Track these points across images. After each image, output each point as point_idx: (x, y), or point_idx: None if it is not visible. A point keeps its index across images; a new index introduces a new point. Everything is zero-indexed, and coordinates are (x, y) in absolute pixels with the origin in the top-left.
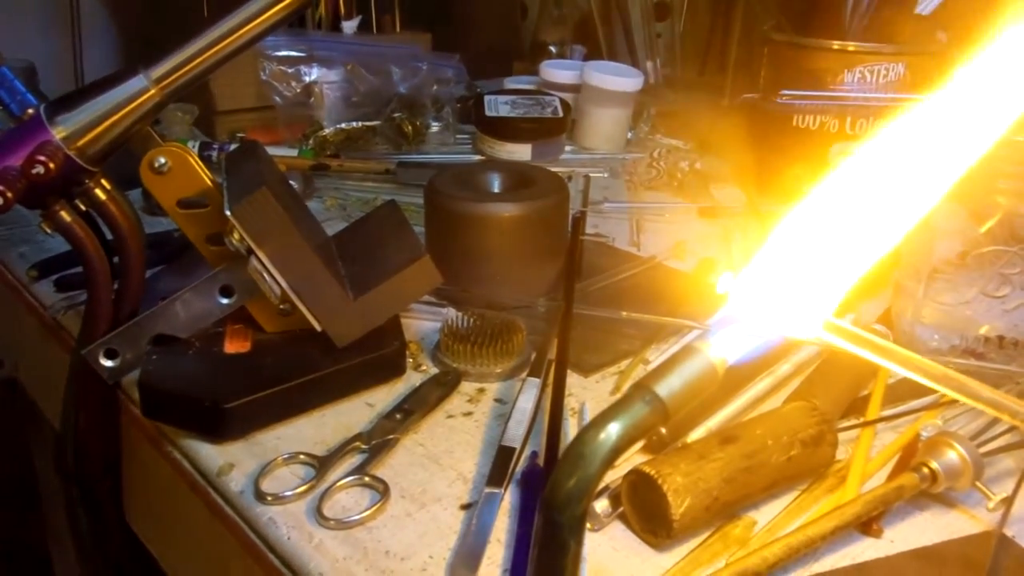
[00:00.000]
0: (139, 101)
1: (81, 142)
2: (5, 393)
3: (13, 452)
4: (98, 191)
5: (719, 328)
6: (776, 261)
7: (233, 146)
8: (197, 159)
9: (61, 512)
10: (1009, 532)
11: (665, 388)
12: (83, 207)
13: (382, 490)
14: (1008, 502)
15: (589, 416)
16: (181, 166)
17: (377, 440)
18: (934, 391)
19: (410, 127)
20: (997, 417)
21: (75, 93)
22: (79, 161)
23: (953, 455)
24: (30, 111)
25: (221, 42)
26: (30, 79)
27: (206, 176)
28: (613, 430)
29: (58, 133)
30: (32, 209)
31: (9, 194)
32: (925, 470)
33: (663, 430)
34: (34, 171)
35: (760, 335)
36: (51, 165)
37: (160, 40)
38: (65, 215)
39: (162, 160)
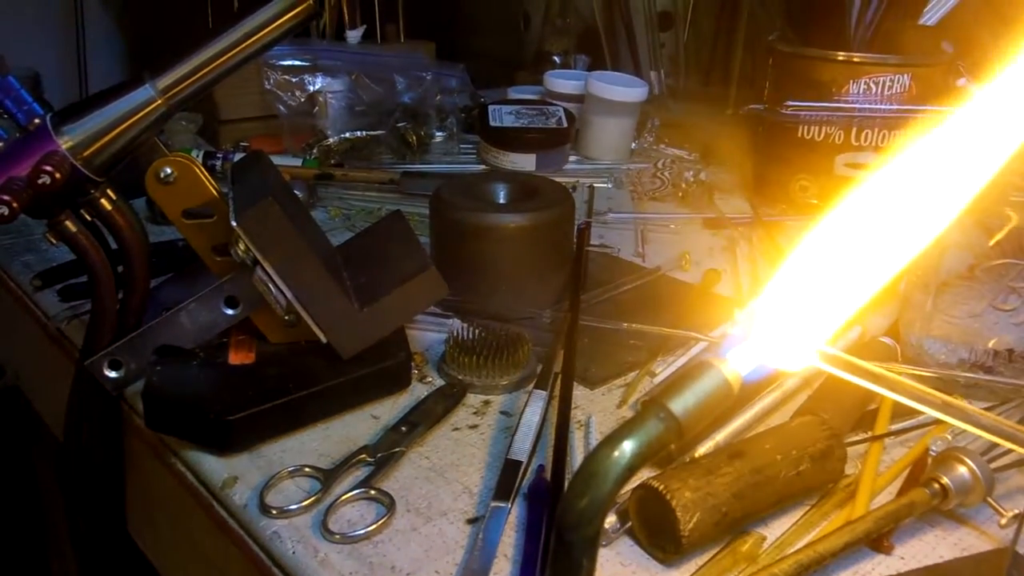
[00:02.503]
0: (145, 111)
1: (87, 152)
2: (7, 402)
3: (14, 461)
4: (103, 201)
5: (733, 345)
6: (790, 286)
7: (237, 155)
8: (203, 169)
9: (62, 523)
10: (1022, 549)
11: (679, 405)
12: (88, 217)
13: (388, 504)
14: (1020, 518)
15: (595, 429)
16: (187, 176)
17: (383, 453)
18: None
19: (414, 137)
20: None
21: (81, 103)
22: (85, 171)
23: (964, 471)
24: (36, 121)
25: (228, 53)
26: (35, 88)
27: (212, 186)
28: (627, 448)
29: (64, 143)
30: (37, 219)
31: (15, 204)
32: (935, 486)
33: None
34: (40, 181)
35: (774, 352)
36: (57, 175)
37: (165, 50)
38: (70, 225)
39: (168, 170)
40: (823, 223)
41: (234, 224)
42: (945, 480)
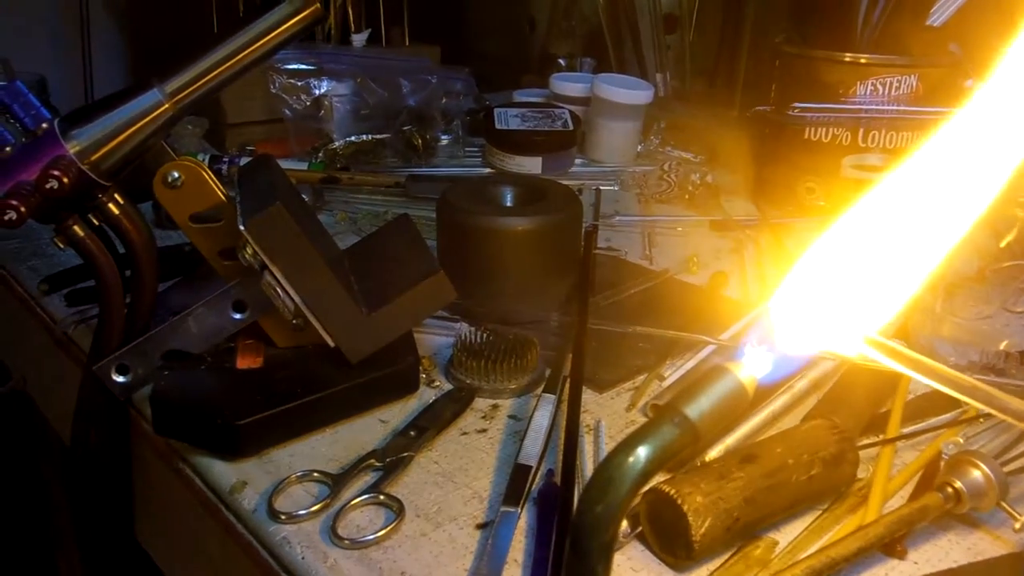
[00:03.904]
0: (153, 115)
1: (95, 156)
2: (14, 407)
3: (22, 467)
4: (111, 205)
5: (747, 347)
6: (814, 277)
7: (243, 160)
8: (210, 173)
9: (69, 528)
10: None
11: (695, 409)
12: (96, 221)
13: (397, 509)
14: None
15: (605, 433)
16: (194, 180)
17: (391, 458)
18: (954, 408)
19: (420, 140)
20: None
21: (89, 107)
22: (93, 175)
23: (977, 474)
24: (44, 125)
25: (235, 57)
26: (41, 93)
27: (219, 190)
28: (642, 453)
29: (72, 147)
30: (45, 224)
31: (23, 208)
32: (949, 490)
33: None
34: (48, 185)
35: (790, 354)
36: (65, 180)
37: (169, 55)
38: (78, 229)
39: (176, 174)
40: (843, 219)
41: (242, 228)
42: (958, 484)
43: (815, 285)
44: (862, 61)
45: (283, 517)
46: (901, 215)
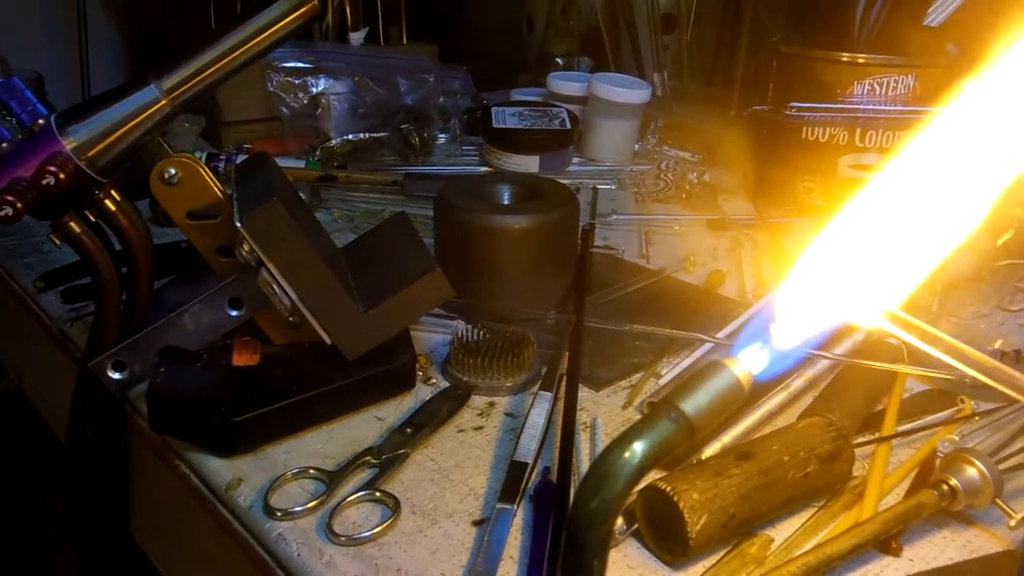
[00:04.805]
0: (150, 112)
1: (92, 153)
2: (9, 405)
3: (17, 464)
4: (108, 202)
5: (744, 343)
6: (819, 269)
7: (240, 157)
8: (207, 170)
9: (64, 526)
10: None
11: (691, 405)
12: (92, 218)
13: (393, 506)
14: None
15: (601, 431)
16: (191, 177)
17: (387, 455)
18: (950, 406)
19: (417, 139)
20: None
21: (86, 104)
22: (89, 172)
23: (972, 472)
24: (41, 121)
25: (232, 53)
26: (38, 90)
27: (216, 187)
28: (638, 448)
29: (69, 144)
30: (41, 220)
31: (19, 204)
32: (944, 487)
33: None
34: (44, 182)
35: (787, 350)
36: (61, 176)
37: (166, 52)
38: (74, 226)
39: (172, 171)
40: (845, 213)
41: (239, 225)
42: (954, 481)
43: (820, 277)
44: (859, 61)
45: (279, 514)
46: (903, 211)
